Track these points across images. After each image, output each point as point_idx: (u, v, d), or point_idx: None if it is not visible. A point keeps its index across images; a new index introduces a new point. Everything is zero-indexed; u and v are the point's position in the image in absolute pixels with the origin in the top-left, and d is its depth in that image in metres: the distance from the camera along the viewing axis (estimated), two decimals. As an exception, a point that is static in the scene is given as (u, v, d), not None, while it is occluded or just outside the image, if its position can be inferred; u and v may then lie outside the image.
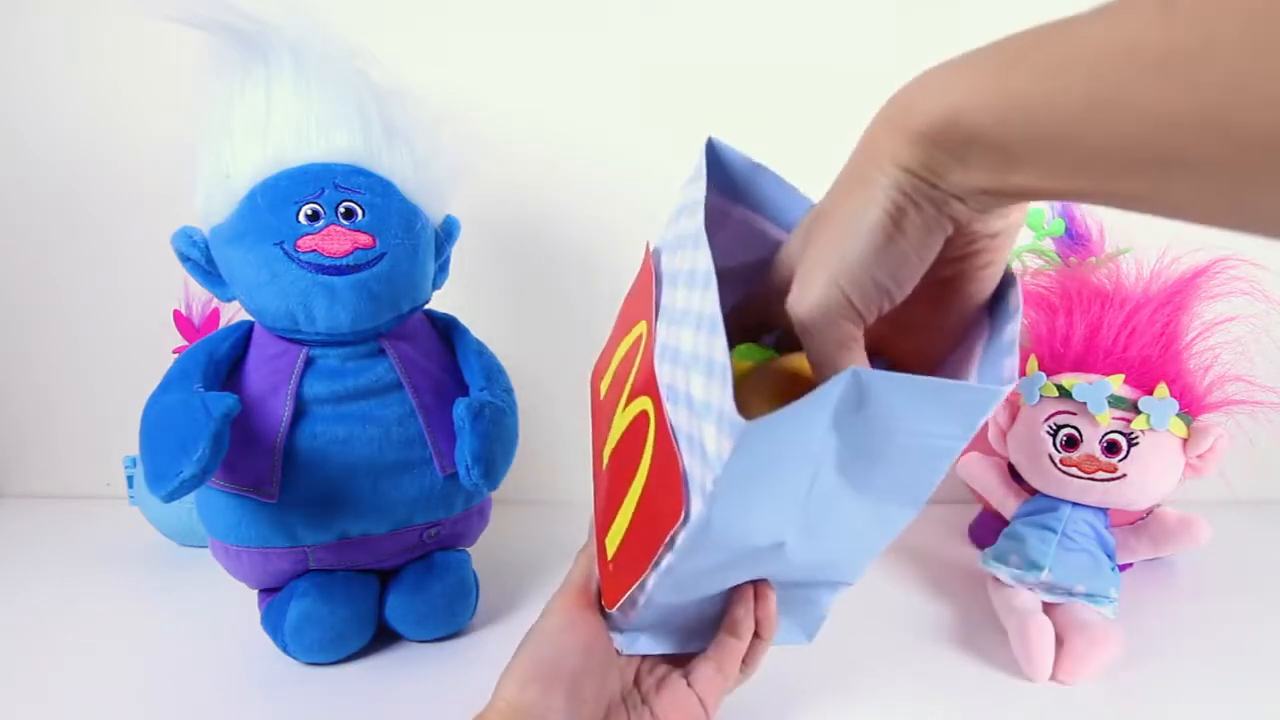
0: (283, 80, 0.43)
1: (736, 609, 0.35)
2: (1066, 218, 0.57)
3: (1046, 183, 0.20)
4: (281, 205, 0.42)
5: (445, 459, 0.47)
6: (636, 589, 0.32)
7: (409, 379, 0.47)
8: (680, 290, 0.30)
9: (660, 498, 0.29)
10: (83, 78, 0.67)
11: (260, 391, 0.44)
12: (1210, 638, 0.49)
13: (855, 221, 0.24)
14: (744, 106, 0.67)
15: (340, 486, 0.45)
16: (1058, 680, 0.44)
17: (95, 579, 0.58)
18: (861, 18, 0.66)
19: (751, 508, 0.27)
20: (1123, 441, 0.47)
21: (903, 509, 0.29)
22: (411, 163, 0.47)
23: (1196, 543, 0.49)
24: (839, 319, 0.25)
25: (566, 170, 0.69)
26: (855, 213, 0.24)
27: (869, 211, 0.23)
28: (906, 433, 0.25)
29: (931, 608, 0.53)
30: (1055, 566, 0.47)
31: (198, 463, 0.39)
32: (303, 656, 0.45)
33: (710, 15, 0.66)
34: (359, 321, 0.44)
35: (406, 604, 0.47)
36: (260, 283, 0.43)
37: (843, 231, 0.24)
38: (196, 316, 0.62)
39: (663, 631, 0.36)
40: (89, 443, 0.74)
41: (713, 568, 0.31)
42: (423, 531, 0.48)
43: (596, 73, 0.67)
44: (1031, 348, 0.52)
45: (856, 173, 0.24)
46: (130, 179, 0.68)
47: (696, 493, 0.27)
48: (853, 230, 0.24)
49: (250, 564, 0.46)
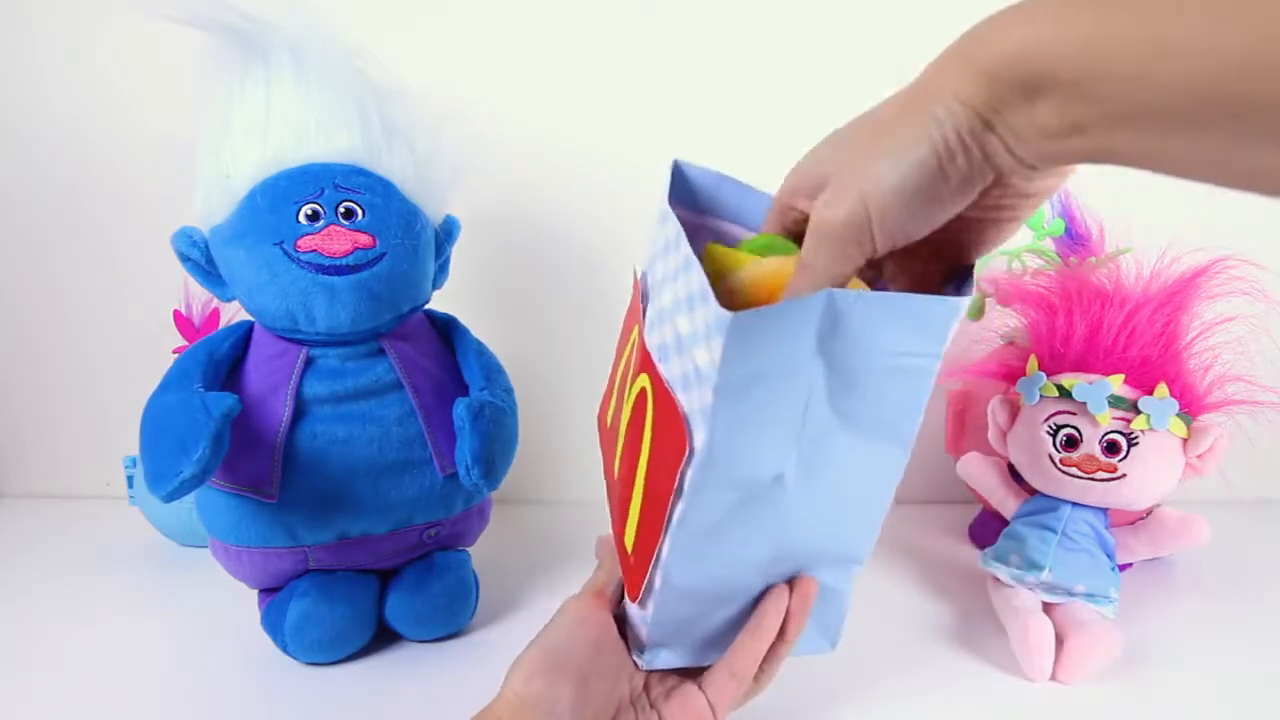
0: (283, 80, 0.43)
1: (766, 612, 0.34)
2: (1066, 218, 0.57)
3: (1114, 132, 0.20)
4: (281, 205, 0.42)
5: (445, 459, 0.47)
6: (653, 568, 0.33)
7: (409, 379, 0.47)
8: (666, 284, 0.31)
9: (665, 456, 0.31)
10: (83, 78, 0.67)
11: (260, 391, 0.44)
12: (1210, 638, 0.49)
13: (903, 152, 0.23)
14: (744, 106, 0.67)
15: (340, 486, 0.45)
16: (1058, 680, 0.44)
17: (95, 579, 0.58)
18: (861, 13, 0.66)
19: (749, 427, 0.29)
20: (1123, 441, 0.47)
21: (891, 448, 0.31)
22: (411, 163, 0.47)
23: (1196, 543, 0.49)
24: (856, 239, 0.25)
25: (566, 170, 0.69)
26: (904, 143, 0.23)
27: (919, 146, 0.23)
28: (882, 353, 0.27)
29: (931, 608, 0.53)
30: (1055, 566, 0.47)
31: (198, 463, 0.39)
32: (303, 656, 0.45)
33: (710, 15, 0.66)
34: (359, 321, 0.44)
35: (406, 604, 0.47)
36: (260, 283, 0.43)
37: (888, 158, 0.24)
38: (196, 316, 0.62)
39: (682, 644, 0.36)
40: (89, 443, 0.74)
41: (722, 521, 0.32)
42: (423, 531, 0.48)
43: (596, 72, 0.67)
44: (1031, 348, 0.52)
45: (915, 101, 0.23)
46: (130, 179, 0.68)
47: (698, 423, 0.28)
48: (897, 160, 0.23)
49: (250, 564, 0.46)
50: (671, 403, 0.30)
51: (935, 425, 0.58)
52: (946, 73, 0.23)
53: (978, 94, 0.22)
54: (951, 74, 0.22)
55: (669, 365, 0.30)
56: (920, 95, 0.23)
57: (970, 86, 0.22)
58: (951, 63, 0.23)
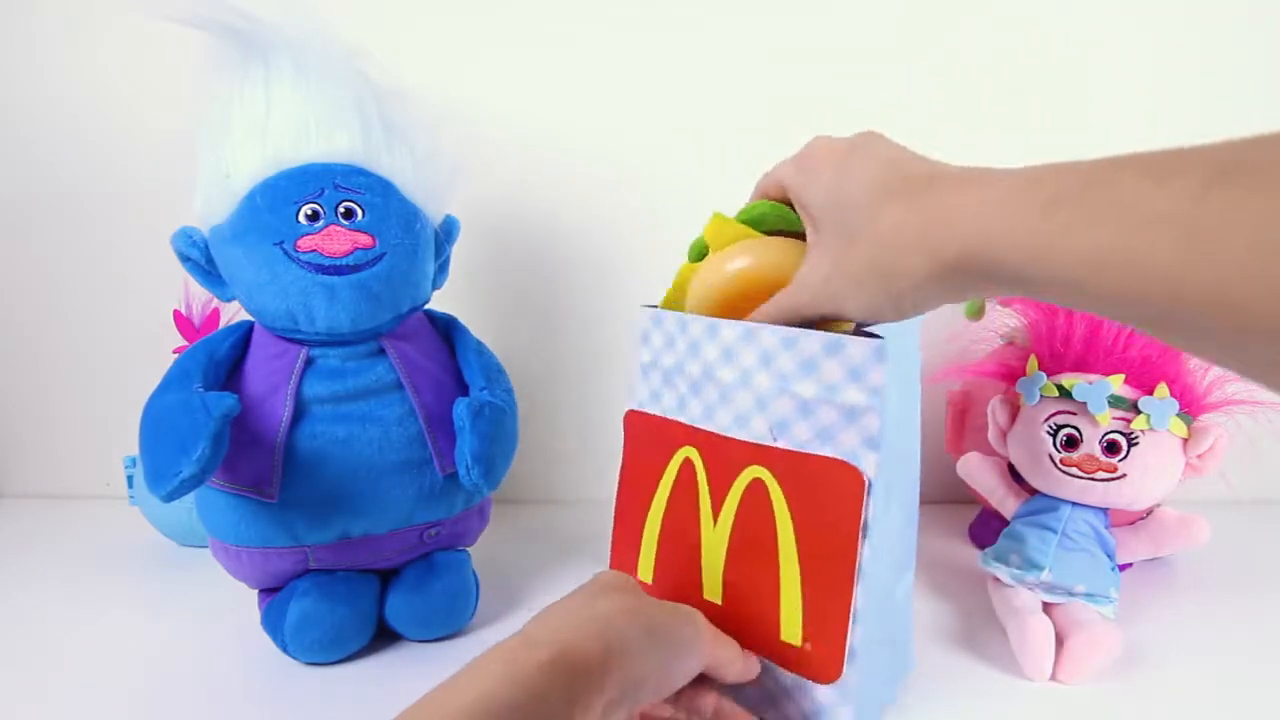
0: (282, 80, 0.43)
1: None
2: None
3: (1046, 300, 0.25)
4: (281, 205, 0.42)
5: (445, 459, 0.47)
6: (851, 629, 0.34)
7: (409, 379, 0.47)
8: (741, 384, 0.37)
9: (831, 510, 0.34)
10: (83, 77, 0.67)
11: (260, 391, 0.44)
12: (1210, 638, 0.49)
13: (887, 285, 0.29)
14: (745, 105, 0.67)
15: (340, 486, 0.45)
16: (1058, 680, 0.44)
17: (95, 579, 0.58)
18: (860, 13, 0.66)
19: (892, 442, 0.35)
20: (1123, 441, 0.47)
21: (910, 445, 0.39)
22: (411, 163, 0.47)
23: (1196, 543, 0.49)
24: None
25: (567, 170, 0.69)
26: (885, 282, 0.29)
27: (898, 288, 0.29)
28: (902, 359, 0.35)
29: (931, 608, 0.53)
30: (1055, 566, 0.47)
31: (197, 462, 0.39)
32: (303, 656, 0.45)
33: (709, 14, 0.66)
34: (359, 321, 0.44)
35: (406, 604, 0.47)
36: (260, 283, 0.43)
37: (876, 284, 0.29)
38: (196, 316, 0.62)
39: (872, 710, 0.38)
40: (89, 443, 0.74)
41: (891, 546, 0.37)
42: (423, 531, 0.48)
43: (596, 72, 0.67)
44: (1031, 348, 0.52)
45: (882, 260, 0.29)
46: (130, 179, 0.68)
47: (865, 455, 0.34)
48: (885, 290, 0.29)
49: (250, 564, 0.46)
50: (819, 462, 0.34)
51: (935, 425, 0.58)
52: (908, 257, 0.27)
53: (937, 278, 0.27)
54: (913, 258, 0.27)
55: (793, 433, 0.35)
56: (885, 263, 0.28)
57: (927, 273, 0.27)
58: (914, 247, 0.27)
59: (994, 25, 0.65)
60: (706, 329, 0.37)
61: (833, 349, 0.33)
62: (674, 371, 0.39)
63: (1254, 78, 0.66)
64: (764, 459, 0.36)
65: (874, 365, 0.33)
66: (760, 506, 0.36)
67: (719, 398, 0.37)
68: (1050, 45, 0.65)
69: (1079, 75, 0.66)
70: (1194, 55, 0.66)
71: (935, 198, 0.26)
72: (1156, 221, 0.19)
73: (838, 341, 0.33)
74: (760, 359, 0.36)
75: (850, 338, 0.33)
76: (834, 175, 0.31)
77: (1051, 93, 0.66)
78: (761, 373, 0.36)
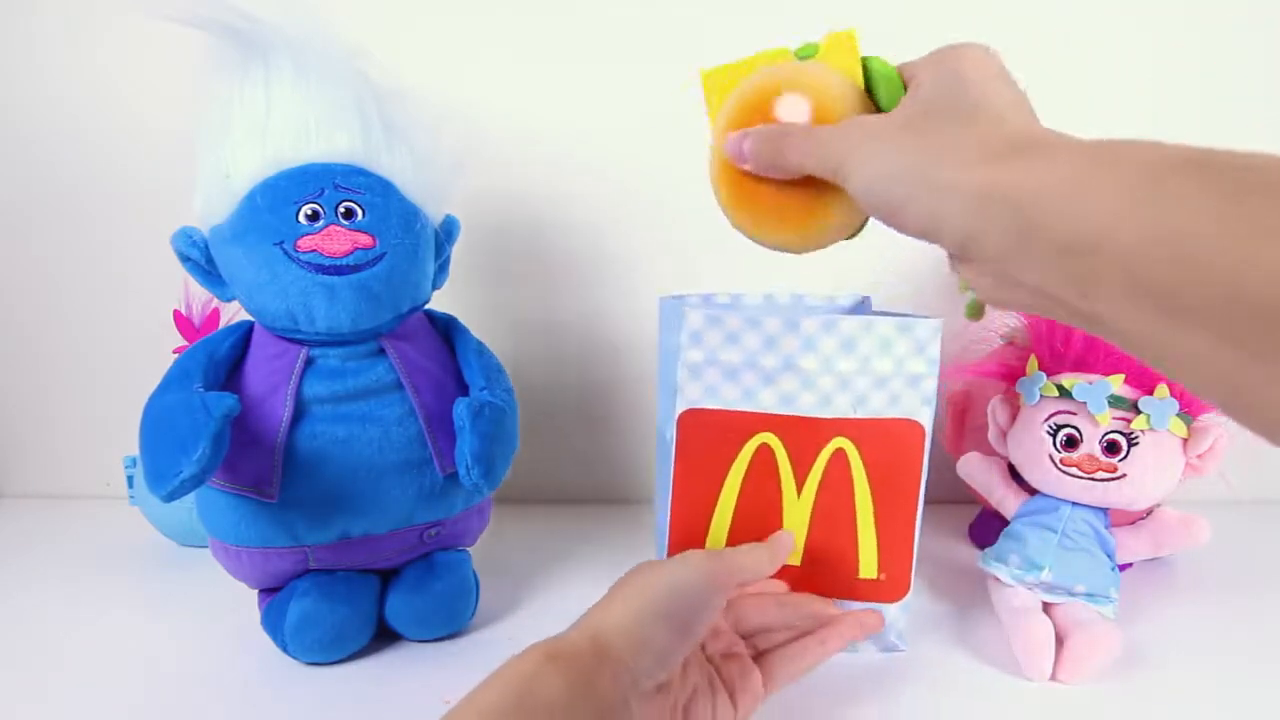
0: (282, 80, 0.43)
1: (840, 634, 0.40)
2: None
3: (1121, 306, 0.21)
4: (281, 205, 0.42)
5: (445, 459, 0.47)
6: (916, 550, 0.45)
7: (409, 379, 0.46)
8: (825, 369, 0.42)
9: (900, 463, 0.43)
10: (82, 77, 0.67)
11: (260, 391, 0.44)
12: (1210, 638, 0.49)
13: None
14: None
15: (340, 486, 0.45)
16: (1058, 680, 0.44)
17: (95, 579, 0.58)
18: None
19: None
20: (1123, 441, 0.47)
21: None
22: (411, 163, 0.47)
23: (1196, 543, 0.49)
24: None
25: (567, 169, 0.69)
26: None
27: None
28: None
29: (931, 608, 0.53)
30: (1055, 566, 0.47)
31: (198, 462, 0.39)
32: (303, 656, 0.45)
33: (710, 13, 0.66)
34: (359, 321, 0.44)
35: (406, 604, 0.47)
36: (260, 283, 0.43)
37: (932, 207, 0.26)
38: (196, 316, 0.62)
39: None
40: (89, 443, 0.74)
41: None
42: (423, 531, 0.48)
43: (596, 72, 0.67)
44: (1032, 347, 0.52)
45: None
46: (130, 179, 0.68)
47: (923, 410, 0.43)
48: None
49: (250, 564, 0.46)
50: (890, 423, 0.43)
51: (935, 425, 0.58)
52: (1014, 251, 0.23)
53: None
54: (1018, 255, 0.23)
55: (869, 405, 0.42)
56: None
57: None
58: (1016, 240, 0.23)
59: (994, 25, 0.65)
60: (784, 324, 0.41)
61: (904, 329, 0.41)
62: (742, 367, 0.42)
63: (1254, 78, 0.66)
64: (846, 430, 0.42)
65: (934, 340, 0.42)
66: (842, 473, 0.43)
67: (801, 384, 0.42)
68: (1050, 45, 0.65)
69: (1079, 75, 0.66)
70: (1194, 55, 0.66)
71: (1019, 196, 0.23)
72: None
73: (908, 324, 0.41)
74: (842, 345, 0.42)
75: (919, 320, 0.41)
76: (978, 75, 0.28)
77: (1051, 93, 0.66)
78: (844, 358, 0.42)
